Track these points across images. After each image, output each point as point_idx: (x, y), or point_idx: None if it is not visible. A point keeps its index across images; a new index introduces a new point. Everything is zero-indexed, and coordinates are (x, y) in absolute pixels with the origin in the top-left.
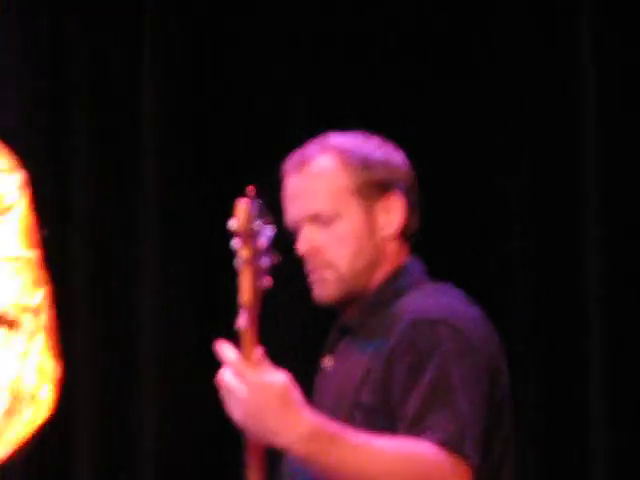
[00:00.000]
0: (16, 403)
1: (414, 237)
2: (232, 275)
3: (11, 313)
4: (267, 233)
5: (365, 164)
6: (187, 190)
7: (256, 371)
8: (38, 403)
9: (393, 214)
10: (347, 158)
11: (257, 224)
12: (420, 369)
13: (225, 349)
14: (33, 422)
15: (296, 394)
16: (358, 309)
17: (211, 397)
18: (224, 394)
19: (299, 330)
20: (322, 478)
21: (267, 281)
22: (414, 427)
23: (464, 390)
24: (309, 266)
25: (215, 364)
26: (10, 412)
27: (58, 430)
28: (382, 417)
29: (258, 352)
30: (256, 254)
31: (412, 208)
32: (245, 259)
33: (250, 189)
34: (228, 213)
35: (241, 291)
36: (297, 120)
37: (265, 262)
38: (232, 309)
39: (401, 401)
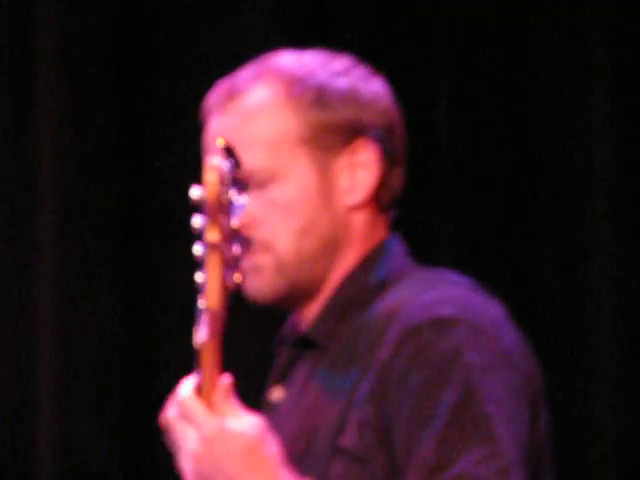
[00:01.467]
0: None
1: (395, 207)
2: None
3: None
4: (241, 207)
5: (321, 98)
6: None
7: (215, 414)
8: None
9: (361, 172)
10: (295, 89)
11: (231, 194)
12: (434, 393)
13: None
14: None
15: (271, 449)
16: (318, 312)
17: None
18: (170, 440)
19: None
20: None
21: (237, 277)
22: (437, 476)
23: (501, 418)
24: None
25: None
26: None
27: None
28: (376, 467)
29: (223, 380)
30: (228, 237)
31: (391, 164)
32: (213, 244)
33: (222, 142)
34: None
35: (205, 290)
36: None
37: (237, 249)
38: None
39: (410, 442)
